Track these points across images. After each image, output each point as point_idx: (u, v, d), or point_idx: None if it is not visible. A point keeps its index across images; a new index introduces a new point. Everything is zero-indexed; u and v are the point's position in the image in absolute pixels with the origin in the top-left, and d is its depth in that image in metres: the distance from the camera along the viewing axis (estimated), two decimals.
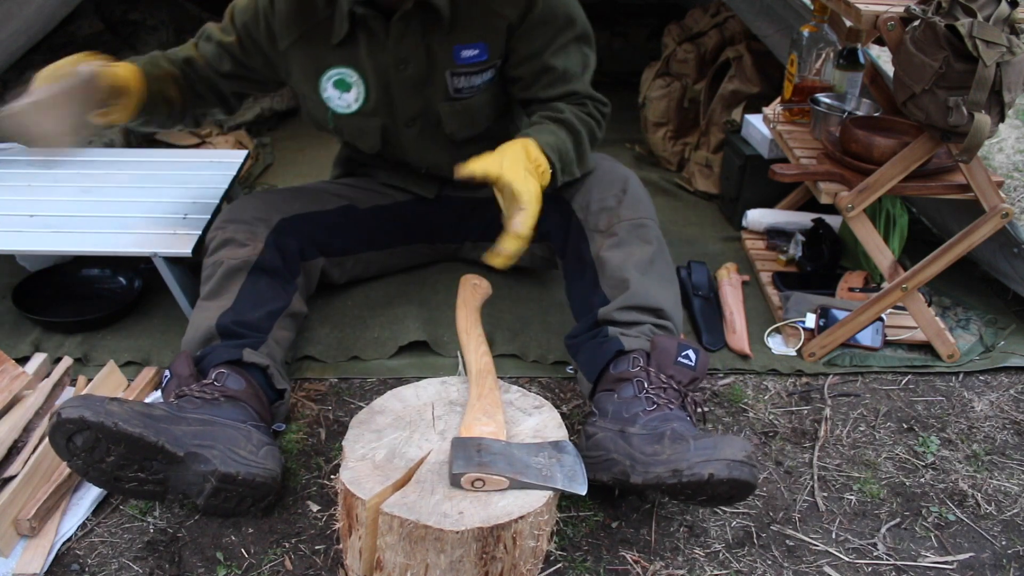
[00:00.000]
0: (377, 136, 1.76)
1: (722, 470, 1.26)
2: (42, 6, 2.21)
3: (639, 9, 3.65)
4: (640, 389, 1.44)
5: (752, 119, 2.34)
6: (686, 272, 2.11)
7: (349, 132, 1.78)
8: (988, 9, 1.53)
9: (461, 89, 1.69)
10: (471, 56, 1.65)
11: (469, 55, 1.65)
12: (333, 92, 1.70)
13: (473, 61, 1.65)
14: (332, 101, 1.71)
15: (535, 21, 1.61)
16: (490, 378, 1.43)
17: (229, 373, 1.47)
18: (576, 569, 1.38)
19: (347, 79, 1.66)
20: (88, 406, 1.27)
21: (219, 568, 1.35)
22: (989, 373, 1.88)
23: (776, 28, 2.28)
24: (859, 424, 1.72)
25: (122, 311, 1.92)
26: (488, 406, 1.37)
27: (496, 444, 1.28)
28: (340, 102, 1.70)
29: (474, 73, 1.67)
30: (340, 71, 1.67)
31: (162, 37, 2.88)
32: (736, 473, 1.27)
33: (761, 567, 1.40)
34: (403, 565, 1.21)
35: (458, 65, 1.65)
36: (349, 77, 1.66)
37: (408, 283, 2.05)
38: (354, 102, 1.69)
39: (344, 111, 1.72)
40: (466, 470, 1.23)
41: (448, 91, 1.69)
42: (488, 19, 1.62)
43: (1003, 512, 1.53)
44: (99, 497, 1.46)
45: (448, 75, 1.66)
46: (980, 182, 1.73)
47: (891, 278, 1.81)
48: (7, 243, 1.84)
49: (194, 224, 1.87)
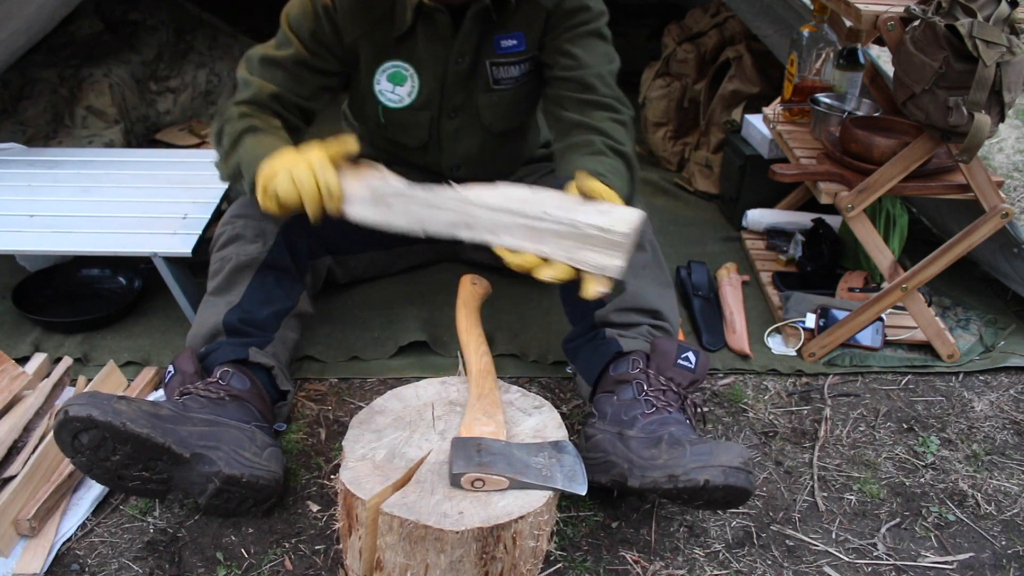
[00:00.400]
0: (426, 130, 1.74)
1: (718, 476, 1.26)
2: (42, 6, 2.21)
3: (639, 9, 3.66)
4: (639, 391, 1.44)
5: (752, 119, 2.34)
6: (686, 272, 2.11)
7: (398, 127, 1.75)
8: (988, 9, 1.53)
9: (500, 80, 1.69)
10: (510, 46, 1.65)
11: (508, 45, 1.64)
12: (386, 85, 1.67)
13: (511, 51, 1.65)
14: (384, 95, 1.69)
15: (565, 8, 1.62)
16: (490, 378, 1.43)
17: (234, 372, 1.47)
18: (576, 569, 1.38)
19: (403, 72, 1.65)
20: (96, 404, 1.26)
21: (219, 568, 1.35)
22: (989, 373, 1.88)
23: (776, 28, 2.28)
24: (859, 424, 1.72)
25: (122, 311, 1.92)
26: (488, 406, 1.37)
27: (496, 444, 1.28)
28: (393, 96, 1.68)
29: (512, 64, 1.67)
30: (396, 64, 1.65)
31: (162, 37, 2.87)
32: (732, 480, 1.26)
33: (761, 567, 1.40)
34: (403, 565, 1.21)
35: (497, 55, 1.65)
36: (405, 70, 1.65)
37: (408, 283, 2.05)
38: (407, 96, 1.67)
39: (396, 105, 1.70)
40: (466, 470, 1.23)
41: (488, 82, 1.69)
42: (529, 9, 1.62)
43: (1003, 512, 1.53)
44: (99, 497, 1.46)
45: (488, 64, 1.66)
46: (980, 182, 1.73)
47: (891, 278, 1.81)
48: (7, 243, 1.84)
49: (194, 224, 1.87)
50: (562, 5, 1.61)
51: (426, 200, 1.31)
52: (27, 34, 2.30)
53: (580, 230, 1.23)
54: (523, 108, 1.76)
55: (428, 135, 1.76)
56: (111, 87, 2.58)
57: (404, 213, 1.32)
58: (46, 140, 2.52)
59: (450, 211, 1.30)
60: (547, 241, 1.24)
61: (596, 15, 1.64)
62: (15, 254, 2.02)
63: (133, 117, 2.67)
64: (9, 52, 2.31)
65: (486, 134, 1.77)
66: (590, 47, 1.64)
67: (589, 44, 1.64)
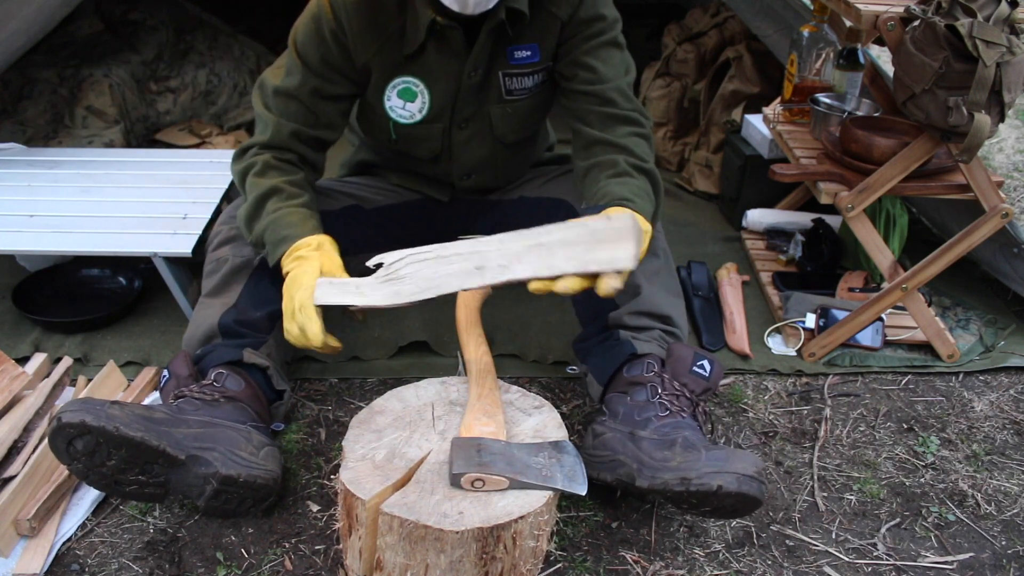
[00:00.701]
0: (438, 141, 1.71)
1: (731, 483, 1.26)
2: (42, 6, 2.21)
3: (639, 9, 3.65)
4: (654, 394, 1.44)
5: (752, 119, 2.34)
6: (686, 272, 2.11)
7: (410, 141, 1.72)
8: (988, 9, 1.53)
9: (513, 91, 1.66)
10: (524, 57, 1.62)
11: (522, 56, 1.62)
12: (397, 102, 1.64)
13: (526, 62, 1.63)
14: (395, 111, 1.65)
15: (580, 18, 1.59)
16: (490, 378, 1.43)
17: (228, 374, 1.47)
18: (576, 569, 1.38)
19: (413, 88, 1.62)
20: (89, 410, 1.26)
21: (219, 568, 1.35)
22: (989, 373, 1.88)
23: (776, 28, 2.28)
24: (859, 424, 1.72)
25: (122, 311, 1.92)
26: (488, 406, 1.37)
27: (496, 444, 1.28)
28: (403, 112, 1.65)
29: (525, 75, 1.65)
30: (406, 80, 1.62)
31: (162, 37, 2.88)
32: (745, 488, 1.26)
33: (761, 567, 1.40)
34: (403, 565, 1.21)
35: (511, 65, 1.63)
36: (415, 86, 1.62)
37: None
38: (418, 112, 1.64)
39: (407, 121, 1.66)
40: (466, 470, 1.23)
41: (501, 92, 1.67)
42: (544, 19, 1.59)
43: (1003, 512, 1.53)
44: (99, 497, 1.46)
45: (501, 76, 1.64)
46: (980, 182, 1.73)
47: (891, 278, 1.81)
48: (7, 243, 1.84)
49: (194, 224, 1.87)
50: (577, 14, 1.58)
51: (435, 253, 1.32)
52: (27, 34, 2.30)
53: (587, 227, 1.24)
54: (536, 118, 1.74)
55: (440, 146, 1.74)
56: (111, 87, 2.59)
57: (415, 279, 1.32)
58: (46, 140, 2.52)
59: (459, 259, 1.31)
60: (557, 254, 1.25)
61: (611, 23, 1.61)
62: (15, 254, 2.02)
63: (133, 117, 2.67)
64: (9, 52, 2.31)
65: (497, 143, 1.76)
66: (608, 58, 1.61)
67: (607, 55, 1.61)
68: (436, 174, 1.82)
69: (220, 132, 2.78)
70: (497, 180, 1.85)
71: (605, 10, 1.61)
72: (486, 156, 1.76)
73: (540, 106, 1.72)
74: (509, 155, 1.79)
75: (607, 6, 1.61)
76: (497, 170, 1.82)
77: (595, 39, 1.60)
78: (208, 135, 2.73)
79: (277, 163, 1.56)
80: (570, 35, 1.60)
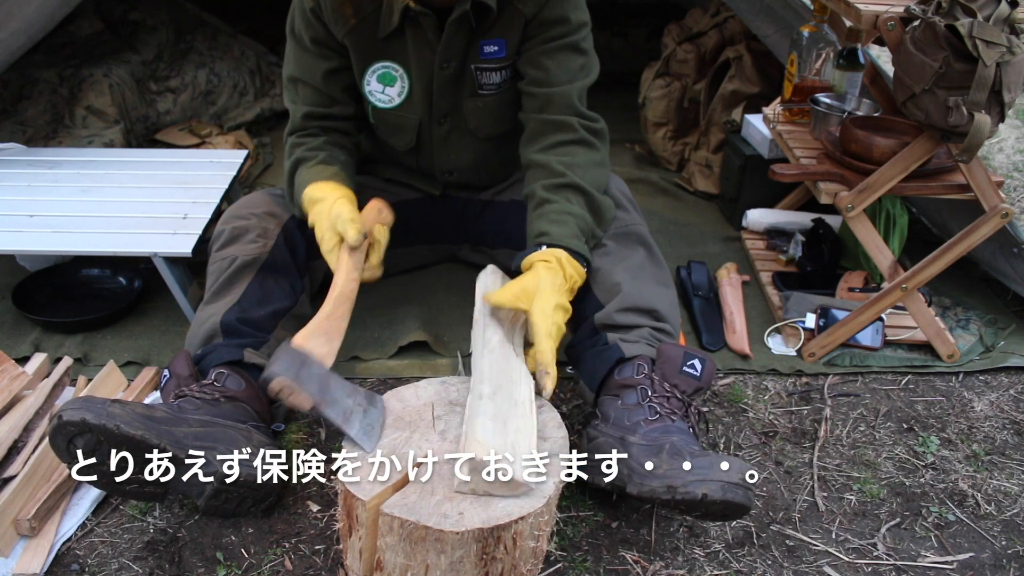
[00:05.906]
0: (414, 133, 1.76)
1: (716, 491, 1.26)
2: (42, 6, 2.21)
3: (639, 9, 3.65)
4: (643, 397, 1.44)
5: (752, 119, 2.34)
6: (686, 272, 2.11)
7: (387, 128, 1.77)
8: (988, 9, 1.53)
9: (484, 85, 1.69)
10: (492, 52, 1.65)
11: (490, 51, 1.65)
12: (376, 86, 1.70)
13: (493, 57, 1.66)
14: (375, 95, 1.71)
15: (543, 19, 1.61)
16: (346, 305, 1.45)
17: (229, 374, 1.47)
18: (576, 569, 1.38)
19: (392, 73, 1.67)
20: (90, 408, 1.26)
21: (219, 568, 1.35)
22: (989, 373, 1.88)
23: (776, 28, 2.28)
24: (859, 424, 1.72)
25: (122, 311, 1.92)
26: (332, 330, 1.39)
27: (319, 368, 1.31)
28: (383, 96, 1.70)
29: (494, 70, 1.67)
30: (386, 65, 1.67)
31: (162, 37, 2.87)
32: (730, 495, 1.27)
33: (761, 567, 1.40)
34: (403, 566, 1.21)
35: (481, 60, 1.66)
36: (395, 71, 1.67)
37: (408, 283, 2.05)
38: (397, 97, 1.69)
39: (385, 106, 1.72)
40: (282, 374, 1.25)
41: (474, 87, 1.70)
42: (510, 16, 1.62)
43: (1003, 512, 1.53)
44: (99, 497, 1.46)
45: (473, 69, 1.67)
46: (980, 182, 1.73)
47: (891, 278, 1.81)
48: (7, 243, 1.84)
49: (194, 224, 1.87)
50: (541, 14, 1.60)
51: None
52: (27, 34, 2.30)
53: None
54: (508, 115, 1.75)
55: (416, 139, 1.77)
56: (111, 87, 2.58)
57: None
58: (46, 140, 2.52)
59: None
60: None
61: (576, 27, 1.63)
62: (15, 254, 2.02)
63: (133, 117, 2.67)
64: (9, 52, 2.31)
65: (475, 140, 1.77)
66: (563, 61, 1.63)
67: (563, 58, 1.63)
68: (420, 168, 1.85)
69: (220, 132, 2.77)
70: (481, 178, 1.87)
71: (572, 14, 1.62)
72: (466, 153, 1.79)
73: (511, 102, 1.74)
74: (490, 152, 1.80)
75: (575, 10, 1.63)
76: (479, 168, 1.84)
77: (554, 41, 1.63)
78: (208, 135, 2.73)
79: (300, 140, 1.71)
80: (532, 34, 1.63)
